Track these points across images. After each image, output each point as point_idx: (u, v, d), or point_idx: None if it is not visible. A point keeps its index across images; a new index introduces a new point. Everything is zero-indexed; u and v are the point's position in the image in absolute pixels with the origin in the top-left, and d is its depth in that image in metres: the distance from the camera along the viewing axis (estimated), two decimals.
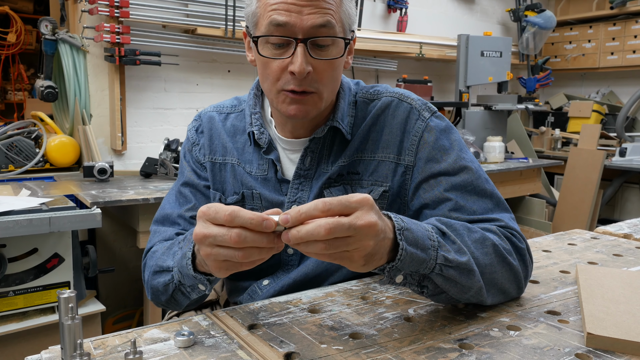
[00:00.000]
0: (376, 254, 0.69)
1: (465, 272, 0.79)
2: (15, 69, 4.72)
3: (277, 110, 0.96)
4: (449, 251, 0.78)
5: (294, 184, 1.01)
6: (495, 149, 3.52)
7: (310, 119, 0.98)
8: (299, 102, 0.92)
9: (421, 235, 0.75)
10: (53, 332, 1.78)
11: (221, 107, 1.12)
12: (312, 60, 0.89)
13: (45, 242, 1.75)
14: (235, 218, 0.66)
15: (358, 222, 0.65)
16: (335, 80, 0.95)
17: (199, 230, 0.69)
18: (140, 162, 2.76)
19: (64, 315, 0.65)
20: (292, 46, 0.88)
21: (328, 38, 0.89)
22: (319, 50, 0.90)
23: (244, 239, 0.66)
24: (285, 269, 1.04)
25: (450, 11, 4.41)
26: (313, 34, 0.88)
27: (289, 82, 0.90)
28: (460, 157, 0.96)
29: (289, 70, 0.88)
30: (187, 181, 1.09)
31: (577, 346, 0.74)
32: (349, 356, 0.71)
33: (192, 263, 0.80)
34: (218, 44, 3.09)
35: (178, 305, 0.96)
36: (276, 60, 0.90)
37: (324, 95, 0.93)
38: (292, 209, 0.66)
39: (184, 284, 0.86)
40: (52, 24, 2.60)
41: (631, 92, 4.50)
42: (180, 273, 0.84)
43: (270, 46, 0.90)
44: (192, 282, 0.83)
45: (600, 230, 1.42)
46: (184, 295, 0.90)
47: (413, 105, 1.01)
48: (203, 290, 0.85)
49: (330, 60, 0.91)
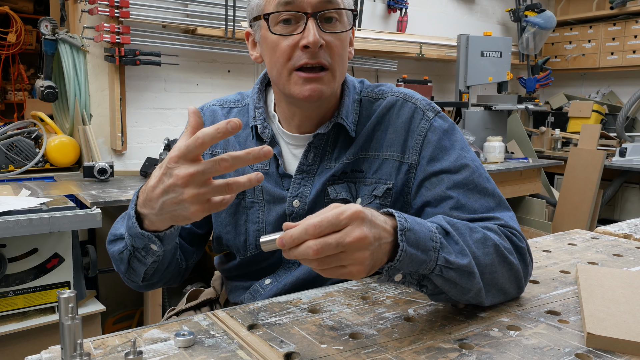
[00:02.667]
0: (376, 260, 0.70)
1: (466, 274, 0.79)
2: (15, 69, 4.72)
3: (290, 94, 0.95)
4: (450, 253, 0.78)
5: (297, 179, 1.02)
6: (495, 149, 3.52)
7: (320, 107, 0.99)
8: (313, 81, 0.92)
9: (424, 236, 0.75)
10: (53, 332, 1.78)
11: (224, 101, 1.12)
12: (323, 34, 0.91)
13: (45, 242, 1.75)
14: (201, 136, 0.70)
15: (347, 239, 0.66)
16: (344, 60, 0.97)
17: (181, 173, 0.70)
18: (140, 162, 2.76)
19: (64, 315, 0.65)
20: (303, 22, 0.91)
21: (334, 11, 0.92)
22: (327, 25, 0.92)
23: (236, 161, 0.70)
24: (287, 267, 1.04)
25: (450, 11, 4.41)
26: (321, 8, 0.90)
27: (301, 57, 0.91)
28: (462, 155, 0.97)
29: (302, 44, 0.90)
30: None
31: (577, 346, 0.74)
32: (349, 356, 0.71)
33: (137, 220, 0.81)
34: (218, 44, 3.09)
35: (136, 275, 0.96)
36: (287, 38, 0.91)
37: (336, 73, 0.95)
38: (287, 234, 0.67)
39: (137, 248, 0.87)
40: (52, 24, 2.60)
41: (631, 92, 4.50)
42: (130, 236, 0.85)
43: (280, 26, 0.92)
44: (143, 243, 0.84)
45: (600, 230, 1.42)
46: (139, 261, 0.91)
47: (417, 105, 1.02)
48: (157, 251, 0.86)
49: (338, 35, 0.93)
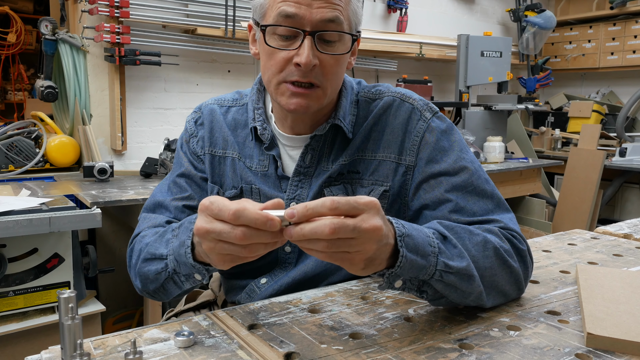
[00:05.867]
0: (377, 258, 0.69)
1: (466, 277, 0.78)
2: (15, 69, 4.72)
3: (277, 102, 0.95)
4: (449, 257, 0.77)
5: (294, 181, 1.01)
6: (495, 149, 3.52)
7: (310, 115, 0.98)
8: (301, 97, 0.91)
9: (422, 241, 0.75)
10: (53, 332, 1.78)
11: (222, 100, 1.11)
12: (319, 54, 0.89)
13: (45, 242, 1.75)
14: (240, 217, 0.65)
15: (363, 225, 0.64)
16: (339, 77, 0.95)
17: (201, 225, 0.69)
18: (140, 162, 2.76)
19: (64, 315, 0.65)
20: (300, 38, 0.89)
21: (335, 33, 0.90)
22: (325, 45, 0.90)
23: (249, 236, 0.65)
24: (283, 267, 1.04)
25: (450, 11, 4.41)
26: (321, 28, 0.88)
27: (293, 73, 0.90)
28: (461, 157, 0.96)
29: (295, 61, 0.89)
30: (184, 172, 1.07)
31: (577, 346, 0.74)
32: (349, 356, 0.71)
33: (191, 252, 0.79)
34: (218, 44, 3.09)
35: (166, 295, 0.94)
36: (282, 51, 0.90)
37: (327, 90, 0.93)
38: (299, 205, 0.65)
39: (179, 273, 0.85)
40: (52, 24, 2.60)
41: (631, 92, 4.50)
42: (177, 261, 0.83)
43: (277, 37, 0.91)
44: (189, 271, 0.82)
45: (600, 230, 1.42)
46: (176, 284, 0.88)
47: (415, 105, 1.01)
48: (199, 280, 0.84)
49: (336, 56, 0.91)
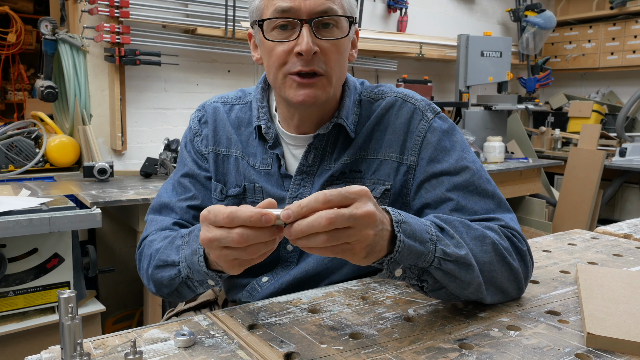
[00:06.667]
0: (376, 245, 0.70)
1: (464, 266, 0.79)
2: (15, 69, 4.72)
3: (285, 97, 0.95)
4: (447, 245, 0.78)
5: (296, 180, 1.01)
6: (495, 149, 3.52)
7: (316, 111, 0.99)
8: (307, 87, 0.92)
9: (419, 228, 0.76)
10: (53, 332, 1.78)
11: (225, 98, 1.12)
12: (318, 41, 0.91)
13: (45, 242, 1.75)
14: (234, 219, 0.66)
15: (357, 212, 0.65)
16: (341, 65, 0.96)
17: (203, 235, 0.70)
18: (140, 162, 2.76)
19: (64, 315, 0.65)
20: (297, 28, 0.90)
21: (331, 17, 0.92)
22: (323, 31, 0.92)
23: (246, 238, 0.67)
24: (284, 266, 1.04)
25: (450, 11, 4.41)
26: (317, 15, 0.90)
27: (296, 64, 0.91)
28: (462, 157, 0.97)
29: (295, 51, 0.90)
30: (188, 172, 1.08)
31: (577, 346, 0.74)
32: (349, 356, 0.71)
33: (204, 260, 0.80)
34: (218, 44, 3.09)
35: (181, 298, 0.96)
36: (282, 44, 0.92)
37: (332, 79, 0.94)
38: (293, 204, 0.66)
39: (192, 279, 0.87)
40: (52, 24, 2.60)
41: (631, 92, 4.50)
42: (190, 269, 0.85)
43: (275, 32, 0.92)
44: (202, 277, 0.84)
45: (600, 230, 1.42)
46: (190, 289, 0.90)
47: (417, 105, 1.02)
48: (212, 285, 0.86)
49: (335, 42, 0.93)
